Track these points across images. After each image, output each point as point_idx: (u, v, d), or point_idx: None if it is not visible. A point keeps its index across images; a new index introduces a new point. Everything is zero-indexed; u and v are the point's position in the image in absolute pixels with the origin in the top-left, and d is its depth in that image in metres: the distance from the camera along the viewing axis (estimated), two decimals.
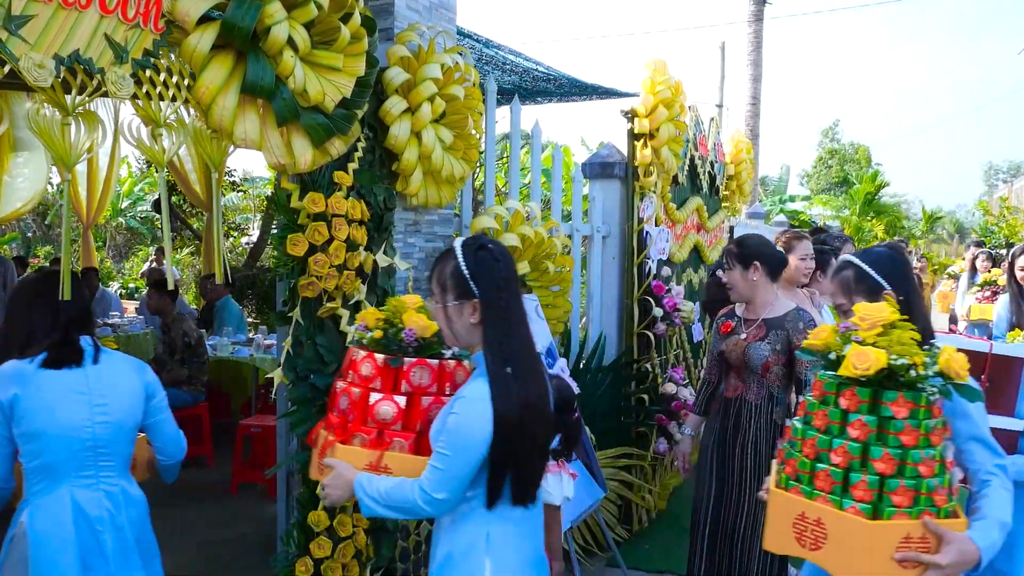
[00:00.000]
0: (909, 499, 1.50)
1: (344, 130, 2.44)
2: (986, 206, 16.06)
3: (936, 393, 1.53)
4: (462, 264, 1.71)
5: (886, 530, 1.49)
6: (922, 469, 1.51)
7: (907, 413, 1.51)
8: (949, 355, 1.56)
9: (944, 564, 1.48)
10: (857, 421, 1.54)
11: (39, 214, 14.39)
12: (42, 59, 1.68)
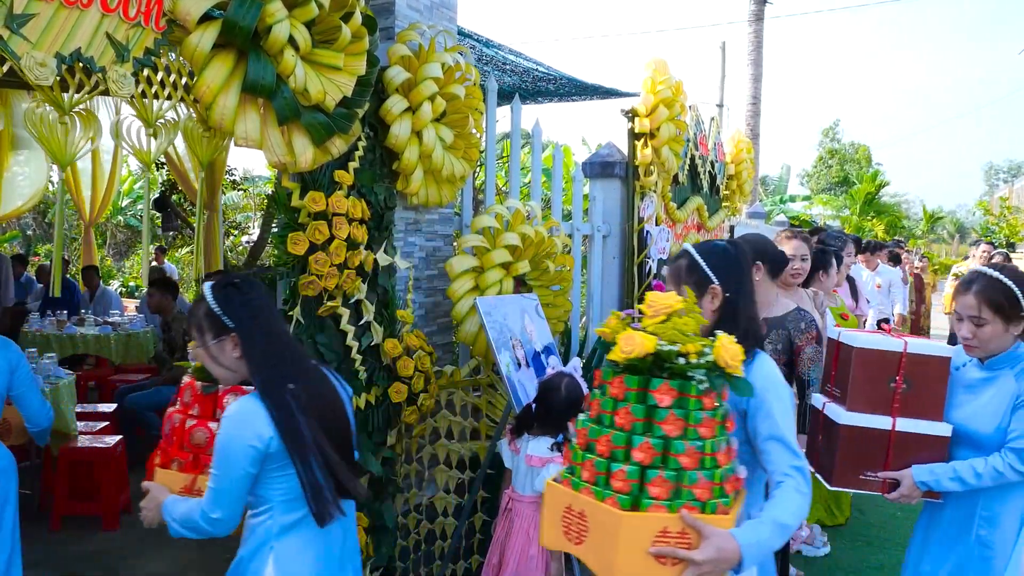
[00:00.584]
0: (667, 491, 1.41)
1: (345, 129, 2.44)
2: (987, 206, 16.06)
3: (705, 383, 1.45)
4: (212, 304, 1.76)
5: (641, 522, 1.41)
6: (683, 460, 1.42)
7: (671, 402, 1.45)
8: (721, 345, 1.49)
9: (700, 560, 1.39)
10: (623, 409, 1.47)
11: (40, 212, 14.40)
12: (44, 57, 1.69)
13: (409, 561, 3.08)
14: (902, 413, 2.17)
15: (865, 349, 2.20)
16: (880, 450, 2.18)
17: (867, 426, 2.19)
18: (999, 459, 2.06)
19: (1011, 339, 2.11)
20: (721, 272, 1.81)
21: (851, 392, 2.23)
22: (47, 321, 6.48)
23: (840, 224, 19.10)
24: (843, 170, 30.24)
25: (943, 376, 2.18)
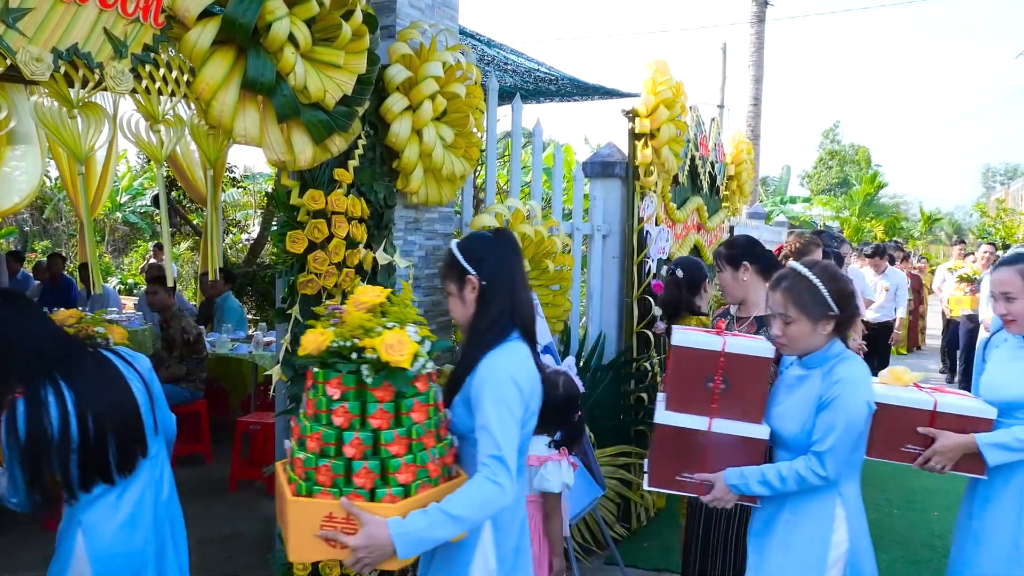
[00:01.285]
0: (330, 480, 1.51)
1: (345, 127, 2.43)
2: (983, 208, 16.08)
3: (369, 376, 1.51)
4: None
5: (308, 507, 1.50)
6: (348, 451, 1.51)
7: (339, 395, 1.52)
8: (383, 340, 1.53)
9: (352, 546, 1.47)
10: (340, 407, 1.53)
11: (36, 208, 14.37)
12: (40, 53, 1.67)
13: None
14: (719, 414, 2.10)
15: (681, 347, 2.15)
16: (696, 451, 2.11)
17: (683, 426, 2.13)
18: (802, 462, 2.01)
19: (822, 338, 2.05)
20: (477, 262, 1.81)
21: (668, 390, 2.19)
22: None
23: (840, 225, 19.11)
24: (843, 171, 30.28)
25: (763, 377, 2.11)
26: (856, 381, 2.01)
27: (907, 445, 2.22)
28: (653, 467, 2.21)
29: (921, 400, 2.23)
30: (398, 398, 1.55)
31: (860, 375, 2.04)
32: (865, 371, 2.07)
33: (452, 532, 1.54)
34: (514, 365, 1.72)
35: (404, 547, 1.48)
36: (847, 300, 2.07)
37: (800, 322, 2.03)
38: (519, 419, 1.69)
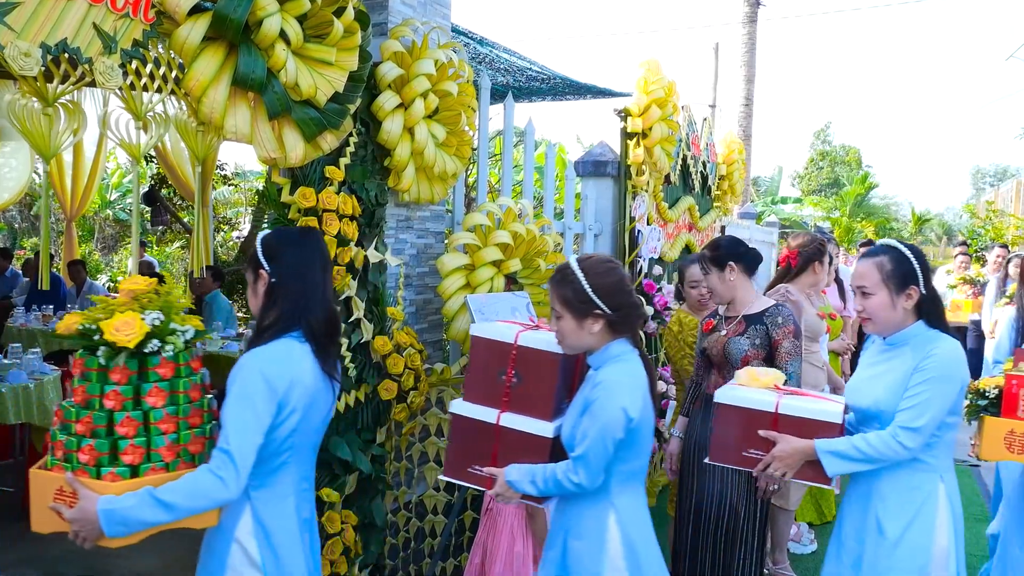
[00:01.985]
0: (62, 454, 1.63)
1: (336, 125, 2.42)
2: (972, 209, 16.20)
3: (103, 357, 1.60)
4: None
5: (43, 480, 1.63)
6: (79, 427, 1.61)
7: (80, 374, 1.63)
8: (114, 321, 1.60)
9: (68, 518, 1.57)
10: (112, 392, 1.61)
11: (25, 205, 14.26)
12: (28, 48, 1.66)
13: (399, 559, 3.07)
14: (509, 407, 2.05)
15: (478, 337, 2.13)
16: (487, 444, 2.06)
17: (475, 417, 2.10)
18: (562, 467, 1.90)
19: (592, 337, 1.89)
20: (271, 258, 1.83)
21: (466, 381, 2.18)
22: (32, 316, 6.41)
23: (831, 226, 19.21)
24: (834, 172, 30.43)
25: (552, 373, 2.02)
26: (613, 385, 1.83)
27: (749, 450, 2.10)
28: (448, 457, 2.17)
29: (764, 401, 2.11)
30: (139, 380, 1.62)
31: (618, 379, 1.84)
32: (626, 375, 1.86)
33: (161, 517, 1.57)
34: (270, 362, 1.70)
35: (109, 524, 1.54)
36: (929, 276, 2.12)
37: (565, 320, 1.91)
38: (263, 417, 1.66)
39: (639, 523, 1.95)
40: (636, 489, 1.97)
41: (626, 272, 2.02)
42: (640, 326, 1.98)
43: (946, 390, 1.98)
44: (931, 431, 1.99)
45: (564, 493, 1.91)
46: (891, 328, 2.11)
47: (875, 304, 2.07)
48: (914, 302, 2.07)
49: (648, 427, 1.91)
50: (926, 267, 2.09)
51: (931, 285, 2.10)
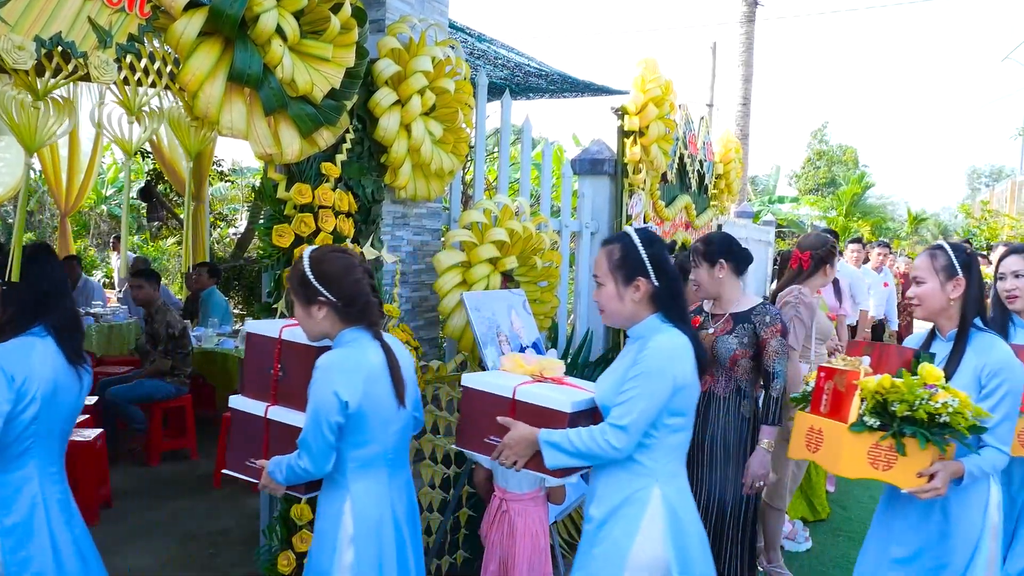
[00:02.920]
0: None
1: (332, 121, 2.41)
2: (968, 209, 16.24)
3: None
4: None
5: None
6: None
7: None
8: None
9: None
10: None
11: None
12: (22, 41, 1.65)
13: None
14: (276, 401, 2.11)
15: (251, 333, 2.18)
16: (259, 437, 2.11)
17: (247, 411, 2.15)
18: (294, 457, 2.03)
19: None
20: (21, 268, 2.08)
21: (244, 376, 2.23)
22: None
23: (827, 225, 19.23)
24: (831, 171, 30.46)
25: (310, 367, 2.01)
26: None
27: (490, 436, 2.01)
28: (228, 452, 2.23)
29: (503, 386, 2.03)
30: None
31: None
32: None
33: None
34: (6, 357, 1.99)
35: None
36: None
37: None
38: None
39: (370, 506, 1.98)
40: (369, 471, 2.00)
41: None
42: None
43: (655, 387, 1.84)
44: (641, 430, 1.85)
45: (293, 480, 1.96)
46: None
47: (604, 295, 2.06)
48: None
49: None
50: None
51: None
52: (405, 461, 2.12)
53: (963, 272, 2.23)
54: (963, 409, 1.93)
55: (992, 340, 2.20)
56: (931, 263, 2.27)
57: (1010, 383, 2.12)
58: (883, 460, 1.97)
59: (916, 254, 11.62)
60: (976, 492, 2.16)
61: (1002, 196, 16.24)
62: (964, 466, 2.05)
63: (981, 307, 2.25)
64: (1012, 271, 2.67)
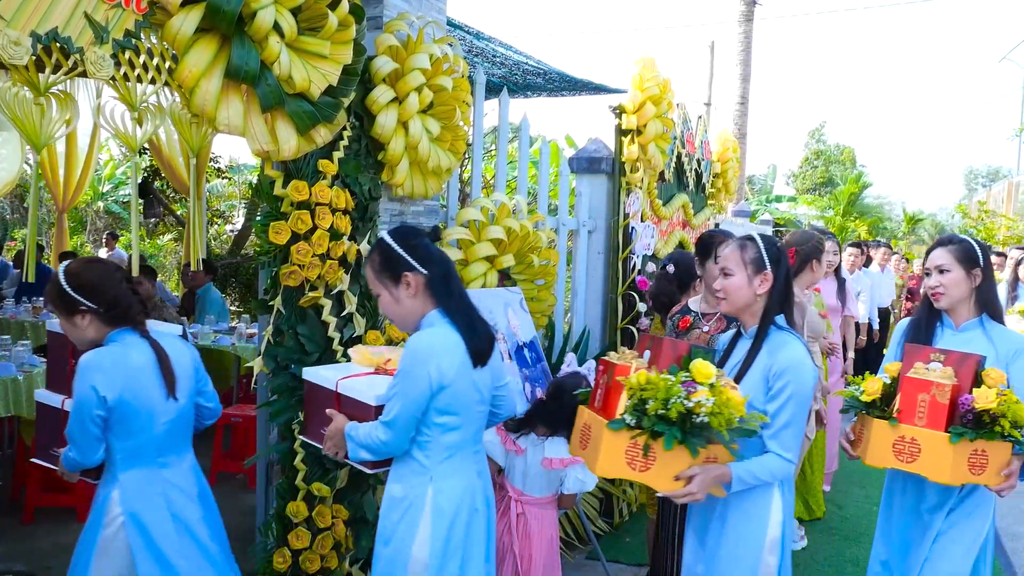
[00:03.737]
0: None
1: (330, 118, 2.41)
2: (965, 209, 16.27)
3: None
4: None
5: None
6: None
7: None
8: None
9: None
10: None
11: (17, 196, 14.16)
12: (18, 36, 1.64)
13: None
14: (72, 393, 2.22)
15: (49, 331, 2.34)
16: (58, 427, 2.20)
17: (47, 403, 2.29)
18: None
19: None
20: None
21: (48, 370, 2.41)
22: (22, 308, 6.37)
23: (824, 224, 19.27)
24: (828, 171, 30.49)
25: (63, 353, 2.24)
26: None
27: (324, 427, 2.06)
28: (35, 441, 2.39)
29: (328, 379, 2.10)
30: None
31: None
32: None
33: None
34: None
35: None
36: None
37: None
38: None
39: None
40: (136, 462, 2.15)
41: None
42: None
43: (409, 388, 1.87)
44: (406, 428, 1.89)
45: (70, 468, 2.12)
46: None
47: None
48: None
49: None
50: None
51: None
52: (183, 448, 2.27)
53: (772, 267, 2.09)
54: (723, 409, 1.79)
55: (786, 339, 2.06)
56: (740, 255, 2.10)
57: (795, 385, 1.97)
58: (640, 460, 1.85)
59: (913, 255, 11.55)
60: (756, 502, 2.02)
61: (999, 196, 16.28)
62: (731, 472, 1.91)
63: (787, 305, 2.13)
64: (936, 266, 2.38)
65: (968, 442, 2.05)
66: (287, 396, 2.56)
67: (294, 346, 2.56)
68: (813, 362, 2.12)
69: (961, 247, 2.39)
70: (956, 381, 2.12)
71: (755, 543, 2.02)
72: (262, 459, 2.82)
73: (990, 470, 2.08)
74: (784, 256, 2.17)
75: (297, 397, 2.53)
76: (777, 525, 2.03)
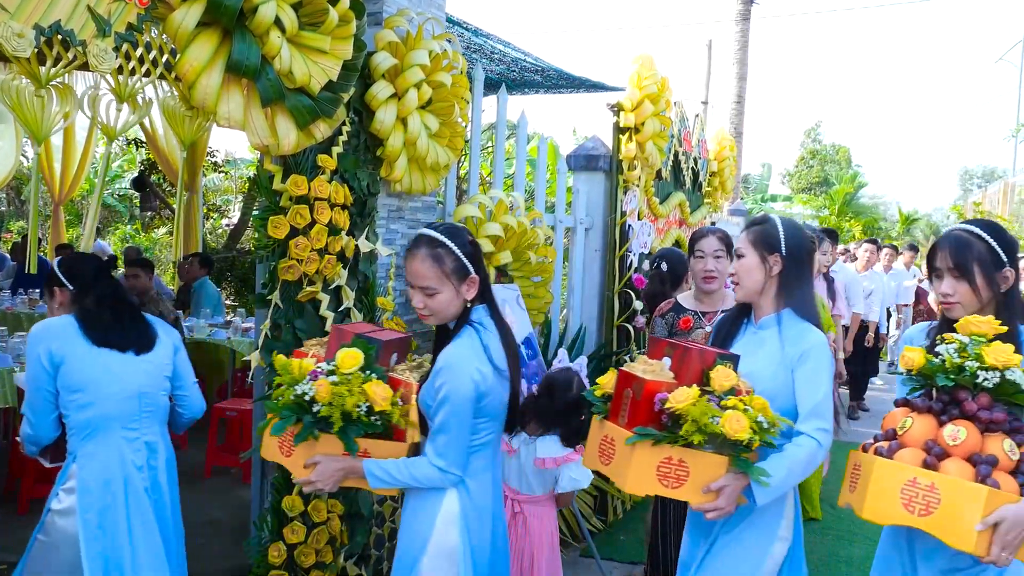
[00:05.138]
0: None
1: (329, 113, 2.41)
2: (960, 210, 16.34)
3: None
4: None
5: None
6: None
7: None
8: None
9: None
10: None
11: (13, 188, 14.11)
12: (22, 29, 1.64)
13: (384, 549, 3.08)
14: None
15: None
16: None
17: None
18: None
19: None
20: None
21: None
22: (19, 299, 6.36)
23: (819, 224, 19.33)
24: (824, 171, 30.56)
25: None
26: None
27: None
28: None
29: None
30: None
31: None
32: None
33: None
34: None
35: None
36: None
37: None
38: None
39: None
40: None
41: None
42: None
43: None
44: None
45: None
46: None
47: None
48: None
49: None
50: None
51: None
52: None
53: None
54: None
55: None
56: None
57: (450, 386, 1.81)
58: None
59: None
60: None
61: (994, 197, 16.34)
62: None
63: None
64: (736, 251, 2.13)
65: (651, 446, 1.75)
66: None
67: (291, 340, 2.56)
68: None
69: (760, 229, 2.07)
70: (671, 378, 1.84)
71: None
72: (257, 453, 2.83)
73: (689, 485, 1.77)
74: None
75: None
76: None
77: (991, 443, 1.65)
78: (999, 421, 1.66)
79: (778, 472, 1.81)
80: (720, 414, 1.72)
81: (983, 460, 1.62)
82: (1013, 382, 1.64)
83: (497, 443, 1.99)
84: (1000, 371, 1.65)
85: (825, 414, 1.91)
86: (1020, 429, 1.68)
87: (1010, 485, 1.60)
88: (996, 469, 1.62)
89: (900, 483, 1.65)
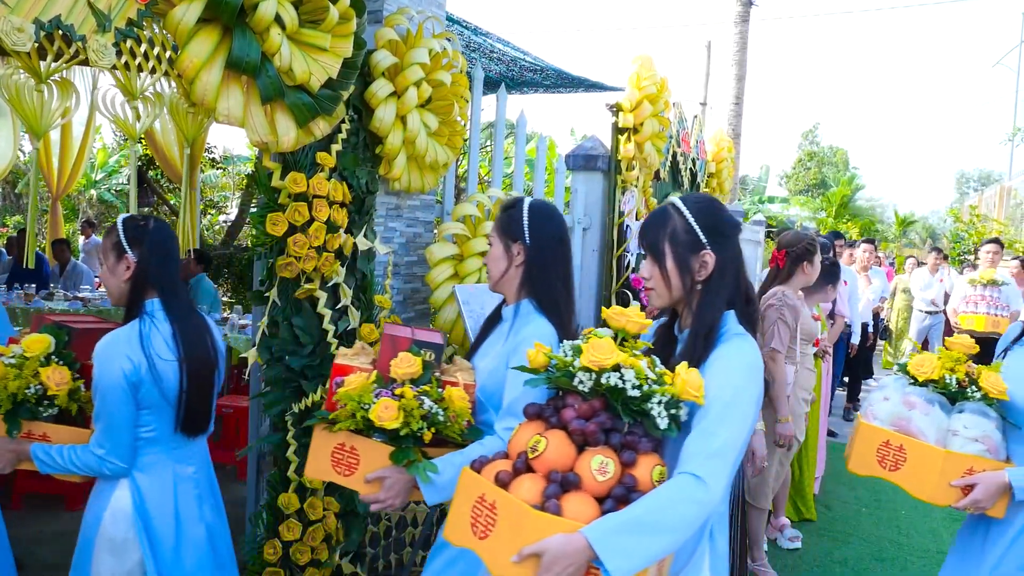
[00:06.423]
0: None
1: (329, 111, 2.41)
2: (956, 213, 16.39)
3: None
4: None
5: None
6: None
7: None
8: None
9: None
10: None
11: (9, 182, 14.06)
12: (22, 23, 1.64)
13: (379, 547, 3.08)
14: None
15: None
16: None
17: None
18: None
19: None
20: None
21: None
22: (14, 294, 6.34)
23: (816, 226, 19.37)
24: (821, 173, 30.64)
25: None
26: None
27: None
28: None
29: None
30: None
31: None
32: None
33: None
34: None
35: None
36: None
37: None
38: None
39: None
40: None
41: None
42: None
43: None
44: None
45: None
46: None
47: None
48: None
49: None
50: None
51: None
52: None
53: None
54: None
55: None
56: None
57: (97, 372, 2.00)
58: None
59: (902, 258, 11.52)
60: None
61: (991, 201, 16.39)
62: None
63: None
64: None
65: (328, 432, 1.77)
66: (280, 387, 2.57)
67: (288, 338, 2.56)
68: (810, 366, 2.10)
69: (504, 216, 1.98)
70: (367, 363, 1.85)
71: None
72: (254, 450, 2.83)
73: (359, 473, 1.75)
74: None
75: (291, 388, 2.54)
76: None
77: (585, 459, 1.36)
78: (589, 433, 1.36)
79: (448, 470, 1.70)
80: (373, 401, 1.67)
81: (556, 479, 1.34)
82: (612, 387, 1.36)
83: (182, 441, 2.03)
84: (595, 373, 1.37)
85: (520, 413, 1.60)
86: (625, 444, 1.37)
87: (585, 511, 1.30)
88: (578, 490, 1.33)
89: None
